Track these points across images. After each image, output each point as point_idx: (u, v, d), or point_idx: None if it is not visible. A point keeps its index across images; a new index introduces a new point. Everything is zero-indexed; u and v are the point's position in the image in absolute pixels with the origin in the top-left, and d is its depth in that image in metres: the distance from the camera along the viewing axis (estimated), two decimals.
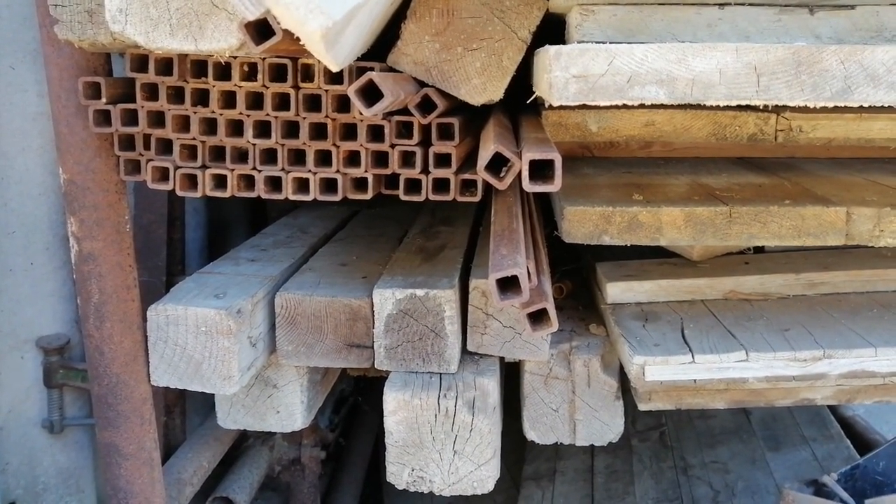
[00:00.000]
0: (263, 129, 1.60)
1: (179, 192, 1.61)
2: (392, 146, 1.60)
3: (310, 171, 1.60)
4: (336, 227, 2.34)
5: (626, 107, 1.89)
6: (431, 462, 1.65)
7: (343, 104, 1.57)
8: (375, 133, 1.60)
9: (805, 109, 1.84)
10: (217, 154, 1.63)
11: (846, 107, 1.43)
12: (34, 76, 2.36)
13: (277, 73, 1.55)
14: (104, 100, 1.58)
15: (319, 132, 1.60)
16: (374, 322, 1.66)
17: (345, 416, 3.28)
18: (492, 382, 1.66)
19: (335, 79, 1.53)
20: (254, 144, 1.59)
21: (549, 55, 1.23)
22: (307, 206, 2.48)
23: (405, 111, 1.57)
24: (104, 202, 1.67)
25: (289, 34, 0.93)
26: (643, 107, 1.89)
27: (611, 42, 1.34)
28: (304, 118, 1.57)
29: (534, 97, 1.47)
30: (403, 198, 1.64)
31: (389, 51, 1.60)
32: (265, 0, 0.78)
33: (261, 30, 1.16)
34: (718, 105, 1.35)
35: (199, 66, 1.55)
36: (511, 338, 1.70)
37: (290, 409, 1.85)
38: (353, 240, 2.17)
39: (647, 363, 1.66)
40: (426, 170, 1.62)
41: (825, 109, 1.43)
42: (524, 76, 1.63)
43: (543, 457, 2.98)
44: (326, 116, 1.57)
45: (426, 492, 1.67)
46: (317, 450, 2.89)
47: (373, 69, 1.49)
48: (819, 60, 1.22)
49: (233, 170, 1.61)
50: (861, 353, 1.68)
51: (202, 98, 1.58)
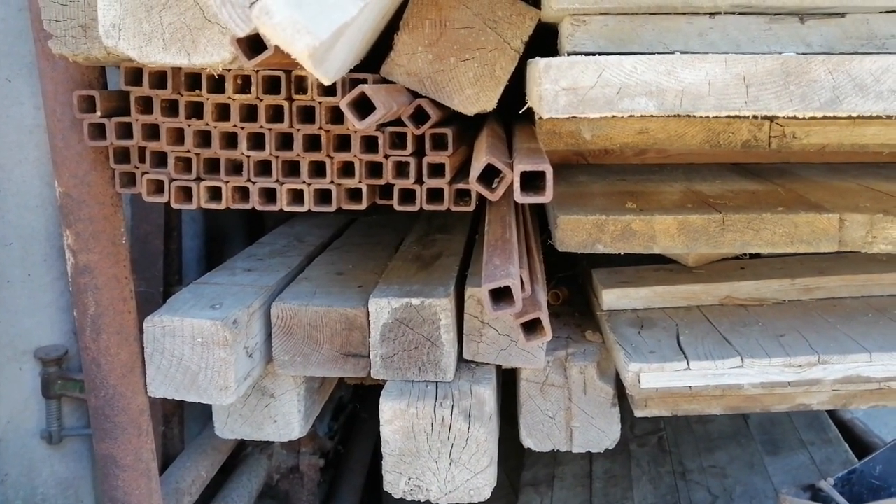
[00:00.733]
0: (258, 141, 1.60)
1: (174, 205, 1.62)
2: (386, 157, 1.60)
3: (304, 183, 1.61)
4: (333, 236, 2.35)
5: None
6: (428, 471, 1.65)
7: (337, 115, 1.57)
8: (369, 144, 1.61)
9: (797, 116, 1.85)
10: (212, 166, 1.64)
11: None
12: (30, 89, 2.37)
13: (271, 86, 1.56)
14: (99, 113, 1.59)
15: (313, 144, 1.61)
16: (370, 331, 1.66)
17: (343, 424, 3.27)
18: (488, 391, 1.66)
19: (328, 91, 1.53)
20: (248, 156, 1.60)
21: (539, 68, 1.24)
22: (304, 215, 2.48)
23: (399, 122, 1.57)
24: (100, 215, 1.67)
25: (280, 49, 0.94)
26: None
27: (602, 52, 1.35)
28: (298, 130, 1.58)
29: (526, 107, 1.48)
30: (398, 208, 1.65)
31: (383, 61, 1.61)
32: (254, 20, 0.79)
33: (253, 44, 1.16)
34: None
35: (193, 79, 1.55)
36: (507, 346, 1.70)
37: (288, 419, 1.86)
38: (350, 248, 2.18)
39: (643, 370, 1.66)
40: (420, 180, 1.62)
41: (817, 116, 1.43)
42: (518, 84, 1.64)
43: (542, 462, 2.98)
44: (320, 128, 1.58)
45: (423, 500, 1.67)
46: (315, 457, 2.89)
47: (366, 81, 1.50)
48: (807, 71, 1.23)
49: (227, 182, 1.62)
50: (856, 359, 1.69)
51: (196, 111, 1.58)
